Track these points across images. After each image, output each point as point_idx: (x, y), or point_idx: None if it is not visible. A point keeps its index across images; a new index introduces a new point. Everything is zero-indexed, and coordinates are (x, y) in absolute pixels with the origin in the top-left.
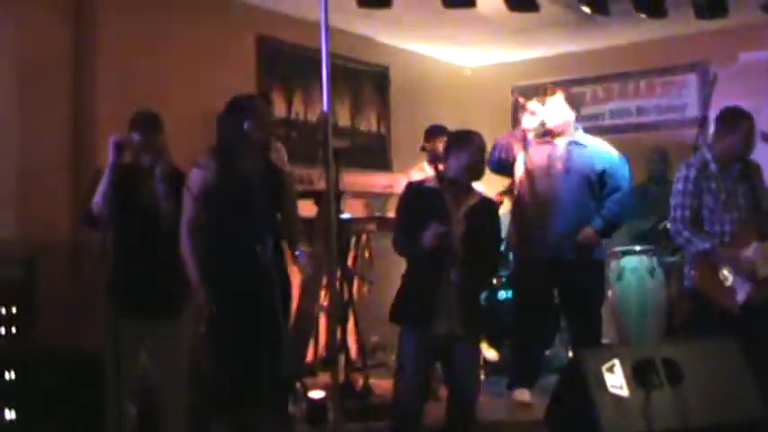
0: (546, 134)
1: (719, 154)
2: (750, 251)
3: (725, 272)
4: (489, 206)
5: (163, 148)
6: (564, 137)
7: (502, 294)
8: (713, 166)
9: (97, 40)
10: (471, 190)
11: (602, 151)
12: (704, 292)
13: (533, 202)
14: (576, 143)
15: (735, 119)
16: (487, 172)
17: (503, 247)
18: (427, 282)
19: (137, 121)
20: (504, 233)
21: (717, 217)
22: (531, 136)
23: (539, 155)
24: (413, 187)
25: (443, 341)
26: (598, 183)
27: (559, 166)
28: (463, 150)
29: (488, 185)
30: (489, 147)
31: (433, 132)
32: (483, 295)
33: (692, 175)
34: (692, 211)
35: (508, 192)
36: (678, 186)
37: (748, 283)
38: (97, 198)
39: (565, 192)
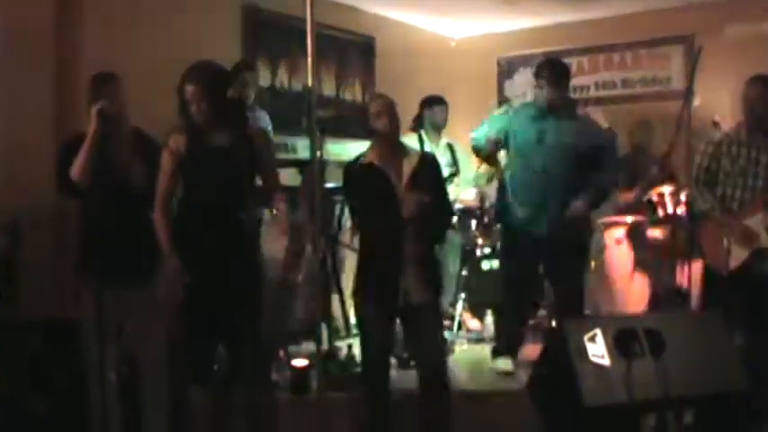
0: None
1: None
2: (753, 220)
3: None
4: (429, 161)
5: (123, 112)
6: (556, 111)
7: (485, 265)
8: (743, 133)
9: (80, 10)
10: (406, 150)
11: (590, 125)
12: (702, 249)
13: (522, 176)
14: (566, 117)
15: (745, 85)
16: None
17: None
18: (390, 257)
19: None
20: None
21: (731, 181)
22: (514, 110)
23: (527, 132)
24: (350, 168)
25: (405, 311)
26: (587, 156)
27: (550, 142)
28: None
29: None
30: (471, 119)
31: (436, 103)
32: (466, 266)
33: (716, 137)
34: (710, 172)
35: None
36: (701, 147)
37: (745, 250)
38: (77, 166)
39: (555, 166)
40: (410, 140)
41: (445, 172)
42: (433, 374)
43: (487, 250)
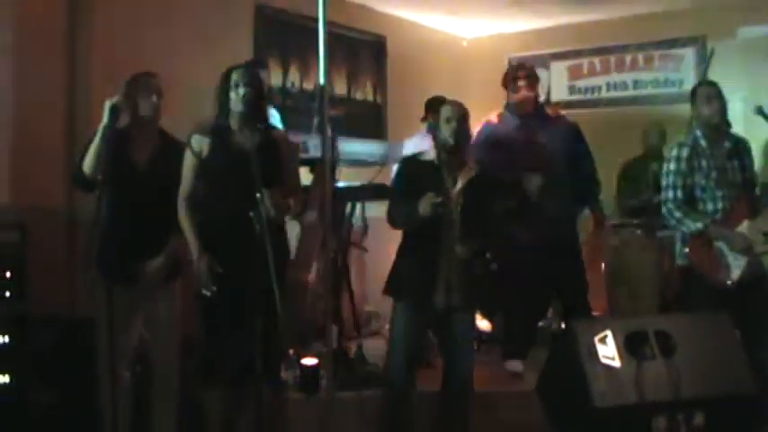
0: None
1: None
2: (744, 227)
3: (719, 248)
4: (488, 178)
5: (155, 112)
6: (532, 113)
7: (496, 266)
8: (703, 143)
9: (93, 8)
10: (465, 161)
11: (567, 124)
12: (697, 268)
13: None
14: (543, 118)
15: (693, 90)
16: None
17: None
18: (424, 256)
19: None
20: None
21: (709, 195)
22: (494, 120)
23: (512, 139)
24: (408, 160)
25: (440, 312)
26: (567, 156)
27: (536, 146)
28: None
29: None
30: (481, 119)
31: (435, 103)
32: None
33: (684, 154)
34: (686, 191)
35: None
36: (670, 166)
37: (743, 259)
38: (88, 160)
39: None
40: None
41: None
42: (462, 377)
43: None
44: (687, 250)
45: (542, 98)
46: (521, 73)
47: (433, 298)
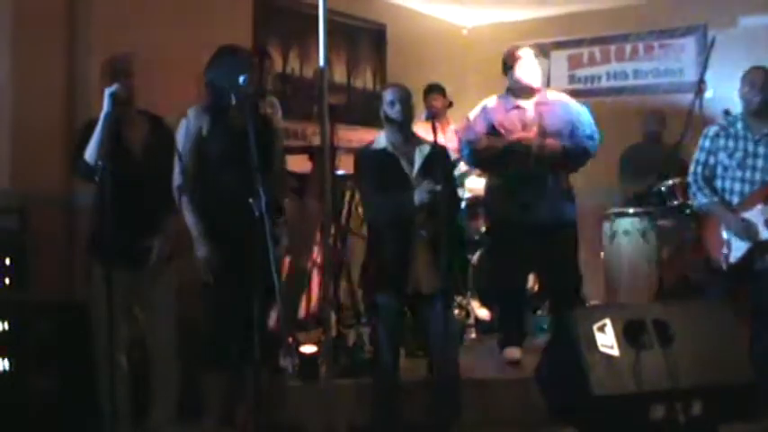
0: (523, 96)
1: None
2: (752, 213)
3: (723, 230)
4: (438, 150)
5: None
6: (531, 98)
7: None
8: (739, 125)
9: None
10: (418, 139)
11: (568, 107)
12: (702, 244)
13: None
14: (542, 103)
15: (743, 76)
16: None
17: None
18: (395, 244)
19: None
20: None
21: (729, 174)
22: (491, 104)
23: (509, 122)
24: (362, 153)
25: (417, 300)
26: (568, 138)
27: (533, 129)
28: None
29: None
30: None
31: (431, 91)
32: (476, 254)
33: (711, 132)
34: (708, 167)
35: None
36: (699, 143)
37: (745, 243)
38: (91, 149)
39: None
40: (423, 130)
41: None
42: (443, 362)
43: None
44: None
45: (541, 83)
46: (518, 55)
47: (405, 284)
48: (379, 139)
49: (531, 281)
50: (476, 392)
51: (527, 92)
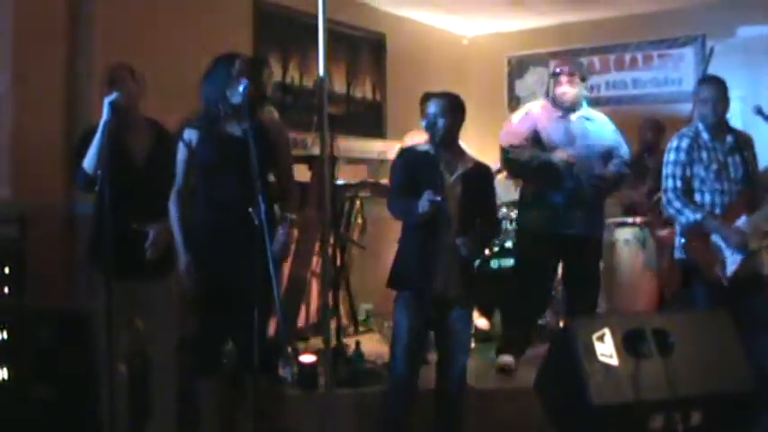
0: (566, 109)
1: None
2: (740, 222)
3: (716, 243)
4: (484, 171)
5: (127, 101)
6: (577, 111)
7: (494, 263)
8: (705, 136)
9: (93, 5)
10: (464, 154)
11: (609, 126)
12: (694, 262)
13: None
14: (587, 118)
15: (697, 86)
16: None
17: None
18: (423, 246)
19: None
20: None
21: (707, 187)
22: (536, 110)
23: (556, 131)
24: (406, 152)
25: (438, 304)
26: (606, 158)
27: (579, 141)
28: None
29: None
30: (481, 117)
31: (429, 99)
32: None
33: (683, 144)
34: (684, 182)
35: None
36: (670, 156)
37: (739, 254)
38: (89, 159)
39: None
40: (420, 138)
41: None
42: (455, 374)
43: (496, 248)
44: (684, 243)
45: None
46: (562, 69)
47: (432, 285)
48: (425, 143)
49: None
50: (474, 401)
51: (570, 106)
